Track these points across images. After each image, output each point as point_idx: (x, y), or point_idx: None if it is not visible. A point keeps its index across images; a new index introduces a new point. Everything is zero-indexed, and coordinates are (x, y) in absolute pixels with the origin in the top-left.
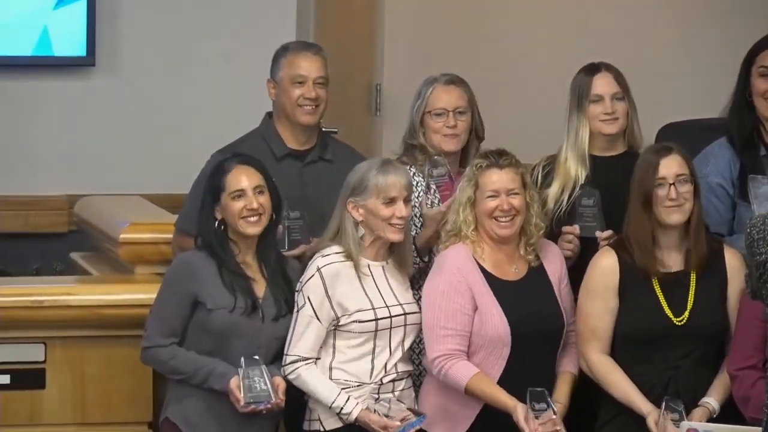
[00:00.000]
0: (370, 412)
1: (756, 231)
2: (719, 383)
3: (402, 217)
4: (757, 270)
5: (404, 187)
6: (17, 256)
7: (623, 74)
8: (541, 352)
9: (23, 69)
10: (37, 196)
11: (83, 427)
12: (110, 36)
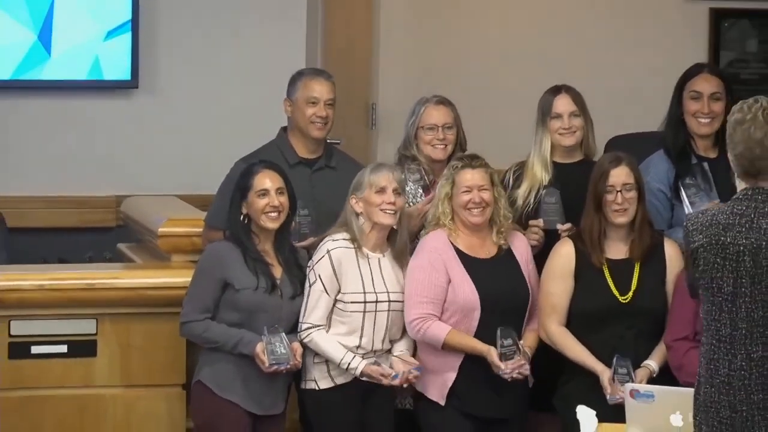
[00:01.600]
0: (372, 365)
1: (691, 223)
2: (658, 351)
3: (391, 202)
4: (691, 256)
5: (393, 179)
6: (74, 246)
7: (581, 94)
8: (508, 320)
9: (79, 90)
10: (89, 197)
11: (128, 389)
12: (150, 63)
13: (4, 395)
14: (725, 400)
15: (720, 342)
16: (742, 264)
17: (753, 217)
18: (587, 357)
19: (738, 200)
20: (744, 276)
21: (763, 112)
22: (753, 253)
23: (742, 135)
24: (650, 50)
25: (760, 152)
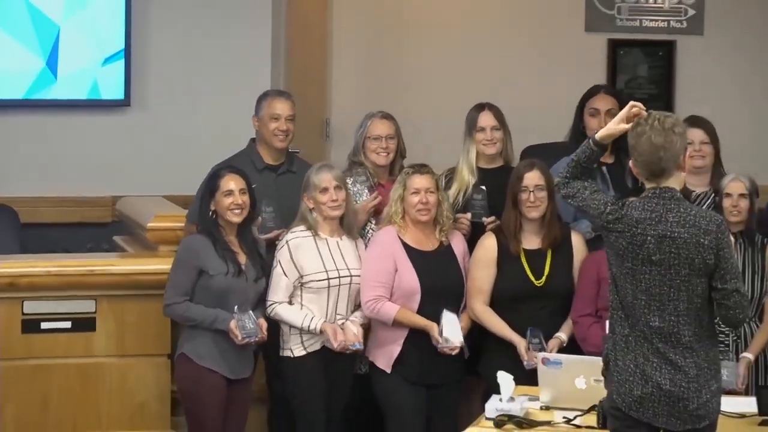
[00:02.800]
0: (328, 324)
1: (612, 218)
2: (566, 325)
3: (333, 200)
4: (603, 228)
5: (332, 178)
6: (76, 239)
7: (501, 111)
8: (446, 303)
9: (80, 108)
10: (89, 197)
11: (122, 358)
12: (140, 85)
13: (19, 364)
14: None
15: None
16: (648, 249)
17: (661, 212)
18: (507, 331)
19: (648, 198)
20: (649, 259)
21: (659, 122)
22: (658, 240)
23: (646, 142)
24: (559, 73)
25: (663, 154)
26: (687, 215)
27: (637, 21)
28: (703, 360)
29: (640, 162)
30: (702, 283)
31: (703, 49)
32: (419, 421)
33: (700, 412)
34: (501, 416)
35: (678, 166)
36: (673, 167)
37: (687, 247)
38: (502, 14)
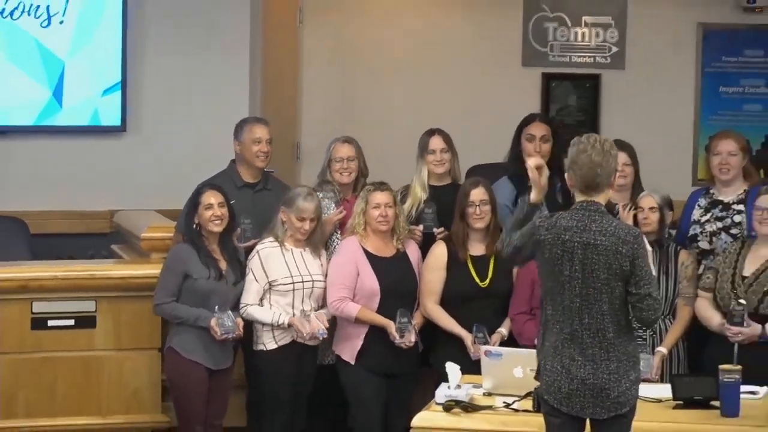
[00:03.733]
0: (294, 318)
1: (541, 222)
2: (506, 322)
3: (305, 230)
4: (537, 244)
5: (313, 211)
6: (79, 247)
7: (449, 135)
8: (402, 303)
9: (83, 133)
10: (91, 210)
11: (119, 351)
12: (135, 113)
13: (29, 356)
14: (565, 352)
15: (559, 311)
16: (575, 256)
17: (587, 222)
18: (455, 327)
19: (576, 210)
20: (576, 265)
21: (600, 143)
22: (584, 248)
23: (587, 159)
24: (500, 102)
25: (600, 171)
26: (608, 226)
27: (567, 57)
28: (623, 353)
29: (578, 176)
30: (619, 286)
31: (625, 81)
32: (379, 406)
33: (621, 399)
34: (449, 401)
35: (609, 184)
36: (605, 184)
37: (606, 253)
38: (452, 52)
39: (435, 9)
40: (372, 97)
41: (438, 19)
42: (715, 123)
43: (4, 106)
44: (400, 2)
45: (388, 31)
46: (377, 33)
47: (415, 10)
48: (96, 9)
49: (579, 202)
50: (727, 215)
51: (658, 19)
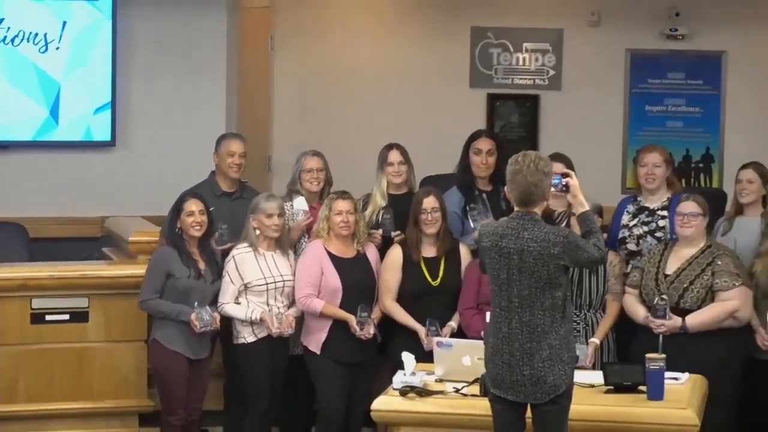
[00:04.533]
0: (265, 313)
1: (483, 231)
2: (456, 316)
3: (276, 224)
4: (481, 251)
5: (276, 208)
6: (73, 249)
7: (406, 149)
8: (362, 299)
9: (77, 147)
10: (84, 217)
11: (109, 343)
12: (124, 130)
13: (29, 348)
14: (506, 348)
15: (502, 310)
16: (512, 260)
17: (520, 230)
18: (410, 321)
19: (512, 219)
20: (513, 268)
21: (534, 163)
22: (519, 253)
23: (522, 179)
24: (450, 120)
25: (534, 189)
26: (539, 233)
27: (509, 79)
28: (554, 339)
29: (515, 193)
30: (558, 285)
31: (561, 101)
32: (343, 392)
33: (556, 383)
34: (405, 387)
35: (544, 198)
36: (540, 200)
37: (541, 258)
38: (407, 74)
39: (393, 36)
40: (336, 115)
41: (395, 45)
42: (642, 138)
43: (6, 123)
44: (362, 30)
45: (350, 57)
46: (341, 58)
47: (375, 38)
48: (88, 36)
49: (516, 212)
50: (652, 220)
51: (591, 46)
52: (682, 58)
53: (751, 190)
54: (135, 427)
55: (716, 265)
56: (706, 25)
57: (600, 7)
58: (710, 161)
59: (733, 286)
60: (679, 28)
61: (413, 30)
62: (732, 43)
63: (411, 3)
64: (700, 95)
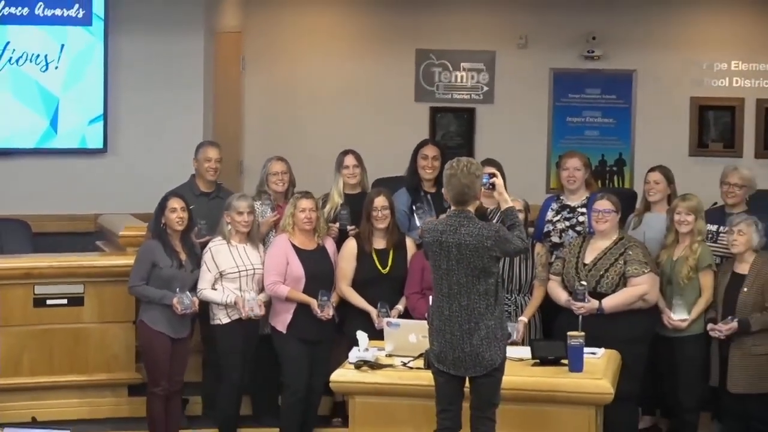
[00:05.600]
0: (238, 297)
1: (426, 227)
2: (403, 300)
3: (246, 221)
4: (425, 245)
5: (246, 207)
6: (70, 243)
7: (360, 154)
8: (322, 285)
9: (74, 154)
10: (79, 214)
11: (102, 324)
12: (114, 138)
13: (32, 328)
14: (448, 328)
15: (443, 295)
16: (451, 252)
17: (457, 227)
18: (363, 303)
19: (450, 216)
20: (453, 259)
21: (467, 168)
22: (457, 246)
23: (456, 182)
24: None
25: (467, 191)
26: (474, 228)
27: (449, 94)
28: (490, 320)
29: (451, 194)
30: (491, 273)
31: (493, 113)
32: (306, 366)
33: (493, 358)
34: (359, 361)
35: (476, 197)
36: (473, 199)
37: (477, 250)
38: (361, 90)
39: (348, 57)
40: (299, 125)
41: (351, 65)
42: (563, 145)
43: (11, 133)
44: (322, 52)
45: (312, 75)
46: (303, 76)
47: (333, 59)
48: (83, 57)
49: (452, 210)
50: (573, 216)
51: (519, 65)
52: (598, 76)
53: (657, 190)
54: (125, 396)
55: (628, 255)
56: (619, 47)
57: (527, 32)
58: (622, 165)
59: (643, 273)
60: (595, 50)
61: (366, 52)
62: (641, 62)
63: (364, 29)
64: (613, 108)
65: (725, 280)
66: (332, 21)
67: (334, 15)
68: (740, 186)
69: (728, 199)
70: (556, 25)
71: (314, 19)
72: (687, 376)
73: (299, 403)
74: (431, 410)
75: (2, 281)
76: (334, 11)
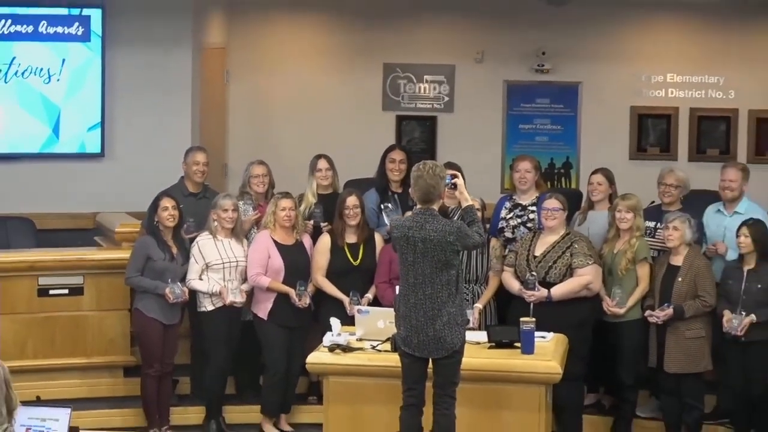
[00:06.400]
0: (222, 287)
1: (395, 224)
2: (372, 289)
3: (230, 217)
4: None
5: (230, 205)
6: (71, 238)
7: (331, 158)
8: (300, 276)
9: (74, 158)
10: (79, 212)
11: (100, 312)
12: (111, 144)
13: (36, 316)
14: (414, 315)
15: (409, 285)
16: (417, 246)
17: (423, 223)
18: (337, 292)
19: (416, 214)
20: (418, 253)
21: (432, 170)
22: (422, 241)
23: (423, 183)
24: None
25: (432, 191)
26: (438, 225)
27: (413, 104)
28: (451, 307)
29: (417, 193)
30: (453, 266)
31: (453, 120)
32: (284, 350)
33: (454, 341)
34: (333, 344)
35: (440, 197)
36: (437, 198)
37: (440, 244)
38: (334, 100)
39: (322, 71)
40: (278, 132)
41: (324, 78)
42: (516, 150)
43: (17, 139)
44: (298, 66)
45: (289, 87)
46: (282, 88)
47: (308, 72)
48: (82, 70)
49: (419, 208)
50: (524, 214)
51: (476, 78)
52: (547, 87)
53: (600, 191)
54: (120, 377)
55: (574, 249)
56: (566, 61)
57: (483, 48)
58: (569, 168)
59: (587, 264)
60: (544, 64)
61: (338, 66)
62: (586, 75)
63: (337, 45)
64: (561, 116)
65: (662, 271)
66: (308, 38)
67: (310, 32)
68: (675, 186)
69: (664, 199)
70: (510, 42)
71: (291, 36)
72: (626, 358)
73: (279, 382)
74: (398, 389)
75: (9, 273)
76: (309, 29)
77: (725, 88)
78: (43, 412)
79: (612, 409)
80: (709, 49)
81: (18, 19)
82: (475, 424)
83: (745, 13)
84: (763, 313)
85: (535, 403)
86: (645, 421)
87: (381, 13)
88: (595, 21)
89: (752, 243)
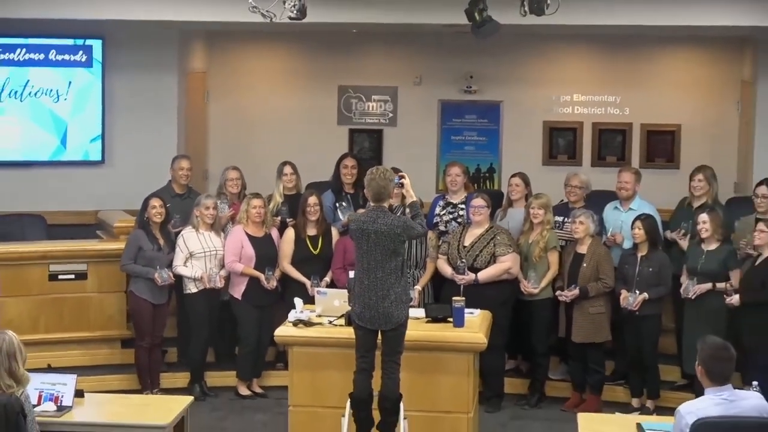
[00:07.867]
0: (204, 273)
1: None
2: (329, 273)
3: (212, 214)
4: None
5: (211, 204)
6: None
7: (296, 164)
8: (269, 263)
9: (78, 165)
10: (83, 210)
11: (101, 293)
12: (110, 153)
13: (47, 297)
14: (366, 294)
15: (363, 269)
16: (370, 237)
17: (376, 218)
18: (300, 277)
19: (370, 211)
20: (371, 242)
21: (382, 174)
22: (375, 233)
23: (375, 185)
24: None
25: (383, 191)
26: (388, 219)
27: (363, 119)
28: (398, 288)
29: (371, 193)
30: (399, 254)
31: (396, 133)
32: (256, 325)
33: (399, 317)
34: (297, 320)
35: (389, 196)
36: (387, 197)
37: (389, 235)
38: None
39: (288, 92)
40: (250, 142)
41: (289, 98)
42: (448, 157)
43: (30, 148)
44: (267, 88)
45: (260, 105)
46: (253, 106)
47: (275, 93)
48: (86, 91)
49: (372, 206)
50: (455, 211)
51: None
52: (474, 105)
53: (518, 191)
54: (118, 348)
55: (496, 240)
56: (490, 84)
57: (421, 73)
58: (492, 172)
59: (508, 252)
60: (472, 86)
61: (301, 87)
62: (506, 95)
63: (299, 69)
64: (486, 129)
65: (570, 259)
66: (275, 63)
67: (277, 59)
68: (580, 187)
69: (571, 198)
70: (443, 68)
71: (262, 62)
72: (540, 330)
73: (251, 352)
74: (352, 357)
75: (24, 261)
76: (277, 56)
77: (621, 105)
78: (54, 378)
79: (528, 373)
80: (608, 73)
81: (31, 48)
82: (416, 386)
83: (638, 44)
84: (654, 292)
85: (465, 368)
86: (556, 383)
87: (336, 43)
88: (514, 50)
89: (644, 234)
